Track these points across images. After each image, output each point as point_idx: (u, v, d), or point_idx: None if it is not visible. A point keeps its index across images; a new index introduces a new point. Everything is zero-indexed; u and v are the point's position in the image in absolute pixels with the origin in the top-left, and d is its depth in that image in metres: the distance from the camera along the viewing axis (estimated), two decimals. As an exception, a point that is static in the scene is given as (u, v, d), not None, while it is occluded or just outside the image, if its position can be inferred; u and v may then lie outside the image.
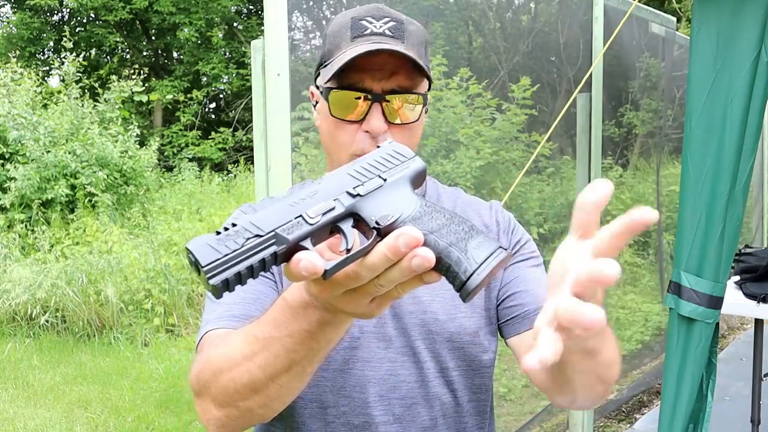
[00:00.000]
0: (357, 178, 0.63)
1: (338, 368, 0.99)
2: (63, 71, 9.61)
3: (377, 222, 0.60)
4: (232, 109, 15.57)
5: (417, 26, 1.03)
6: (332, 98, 0.99)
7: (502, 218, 1.11)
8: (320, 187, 0.61)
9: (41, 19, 15.48)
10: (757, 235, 5.67)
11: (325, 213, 0.59)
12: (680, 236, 2.35)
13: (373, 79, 0.97)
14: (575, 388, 0.82)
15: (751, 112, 2.20)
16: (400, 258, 0.56)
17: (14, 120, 8.16)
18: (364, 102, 0.97)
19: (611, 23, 3.03)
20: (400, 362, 1.01)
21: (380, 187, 0.63)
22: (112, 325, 5.87)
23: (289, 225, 0.56)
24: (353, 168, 0.64)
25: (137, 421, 4.28)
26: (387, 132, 0.98)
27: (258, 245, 0.55)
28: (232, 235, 0.55)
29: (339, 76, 0.97)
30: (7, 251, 6.77)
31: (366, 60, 0.95)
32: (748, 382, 2.88)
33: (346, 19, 1.00)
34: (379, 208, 0.61)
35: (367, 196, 0.61)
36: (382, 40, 0.97)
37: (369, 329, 1.01)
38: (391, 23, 0.98)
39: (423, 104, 1.01)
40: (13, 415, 4.38)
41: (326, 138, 1.04)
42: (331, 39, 1.01)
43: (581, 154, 3.19)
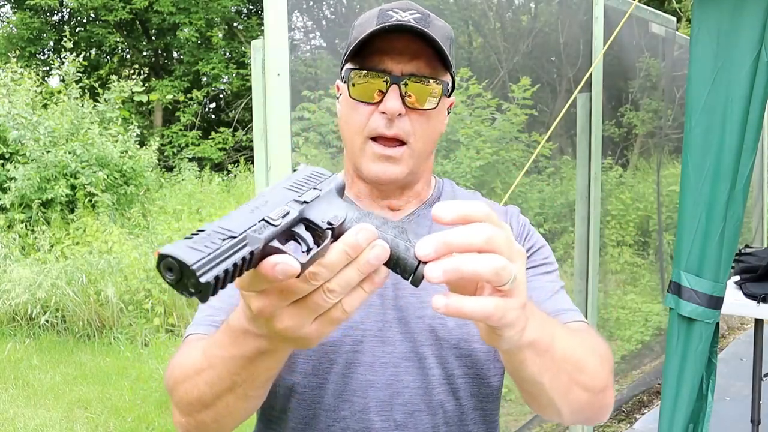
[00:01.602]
0: (296, 190, 0.66)
1: (341, 372, 0.97)
2: (63, 71, 9.61)
3: (329, 222, 0.63)
4: (232, 109, 15.57)
5: (444, 23, 1.02)
6: (352, 79, 0.98)
7: (516, 223, 1.09)
8: (268, 198, 0.63)
9: (41, 19, 15.48)
10: (757, 235, 5.67)
11: (284, 216, 0.60)
12: (680, 236, 2.35)
13: (393, 62, 0.96)
14: (550, 396, 0.80)
15: (751, 112, 2.20)
16: (358, 254, 0.59)
17: (14, 120, 8.16)
18: (383, 83, 0.96)
19: (611, 23, 3.03)
20: (404, 367, 0.98)
21: (318, 196, 0.66)
22: (112, 325, 5.87)
23: (257, 227, 0.57)
24: (287, 184, 0.67)
25: (137, 421, 4.27)
26: (404, 116, 0.97)
27: (234, 245, 0.54)
28: (206, 238, 0.54)
29: (360, 59, 0.97)
30: (7, 251, 6.77)
31: (388, 43, 0.95)
32: (748, 382, 2.88)
33: (374, 11, 1.00)
34: (326, 213, 0.64)
35: (312, 203, 0.65)
36: (408, 25, 0.96)
37: (373, 332, 0.99)
38: (417, 15, 0.98)
39: (443, 94, 0.99)
40: (13, 415, 4.38)
41: (343, 123, 1.03)
42: (357, 29, 1.00)
43: (581, 154, 3.19)
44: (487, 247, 0.60)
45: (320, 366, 0.97)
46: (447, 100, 1.04)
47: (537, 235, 1.10)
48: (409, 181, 1.03)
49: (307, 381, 0.98)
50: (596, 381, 0.84)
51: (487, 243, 0.60)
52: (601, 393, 0.86)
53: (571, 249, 3.35)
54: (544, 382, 0.76)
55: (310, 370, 0.97)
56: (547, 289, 1.03)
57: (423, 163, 1.03)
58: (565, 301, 1.03)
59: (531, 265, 1.05)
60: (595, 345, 0.91)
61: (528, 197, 3.57)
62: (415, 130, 0.98)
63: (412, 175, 1.02)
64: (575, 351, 0.81)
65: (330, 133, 2.73)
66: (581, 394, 0.82)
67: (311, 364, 0.97)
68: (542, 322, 0.74)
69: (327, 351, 0.97)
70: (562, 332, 0.81)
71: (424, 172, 1.06)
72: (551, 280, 1.05)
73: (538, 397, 0.81)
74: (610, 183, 4.31)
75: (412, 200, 1.07)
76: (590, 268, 3.20)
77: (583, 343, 0.87)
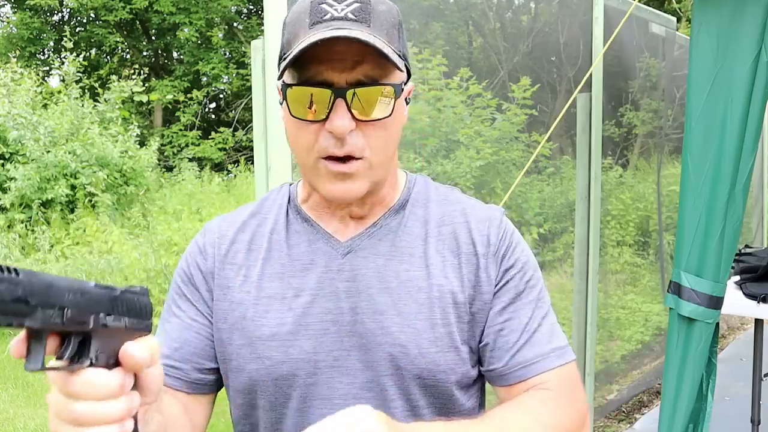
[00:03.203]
0: (111, 306, 0.64)
1: (297, 406, 0.92)
2: (63, 71, 9.62)
3: (96, 357, 0.62)
4: (232, 109, 15.57)
5: (388, 6, 0.88)
6: (290, 96, 0.85)
7: (497, 236, 0.95)
8: (91, 291, 0.61)
9: (41, 19, 15.48)
10: (757, 235, 5.67)
11: (77, 322, 0.59)
12: (680, 236, 2.35)
13: (334, 71, 0.83)
14: None
15: (751, 112, 2.20)
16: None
17: (14, 120, 8.16)
18: (325, 98, 0.83)
19: (611, 23, 3.03)
20: (365, 399, 0.89)
21: (120, 329, 0.65)
22: (112, 325, 5.87)
23: (50, 313, 0.55)
24: (113, 295, 0.65)
25: (137, 421, 4.28)
26: (355, 131, 0.85)
27: (19, 311, 0.53)
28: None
29: (296, 70, 0.85)
30: (7, 251, 6.77)
31: (325, 49, 0.81)
32: (748, 382, 2.87)
33: (305, 4, 0.86)
34: (106, 347, 0.63)
35: (107, 330, 0.63)
36: (343, 24, 0.82)
37: (328, 362, 0.90)
38: (355, 5, 0.84)
39: (397, 96, 0.86)
40: (13, 415, 4.38)
41: (291, 140, 0.91)
42: (289, 28, 0.87)
43: (581, 154, 3.19)
44: None
45: (277, 401, 0.93)
46: (404, 91, 0.91)
47: (522, 248, 0.97)
48: (370, 191, 0.92)
49: (267, 416, 0.94)
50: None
51: None
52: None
53: (571, 249, 3.35)
54: None
55: (269, 406, 0.93)
56: (523, 327, 0.93)
57: (385, 170, 0.92)
58: (542, 339, 0.93)
59: (509, 296, 0.94)
60: (540, 415, 0.87)
61: (528, 197, 3.57)
62: (371, 142, 0.86)
63: (373, 185, 0.90)
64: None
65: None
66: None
67: (268, 399, 0.93)
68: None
69: (281, 386, 0.92)
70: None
71: (388, 176, 0.95)
72: (529, 314, 0.94)
73: None
74: (610, 183, 4.31)
75: (375, 207, 0.96)
76: (590, 268, 3.20)
77: (515, 427, 0.85)
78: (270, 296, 0.93)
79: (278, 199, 1.02)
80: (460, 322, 0.92)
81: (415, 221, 0.97)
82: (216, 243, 0.98)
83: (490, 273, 0.94)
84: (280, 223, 0.98)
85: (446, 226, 0.97)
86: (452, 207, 0.99)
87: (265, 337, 0.92)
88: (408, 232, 0.96)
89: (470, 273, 0.94)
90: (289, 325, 0.91)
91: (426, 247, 0.95)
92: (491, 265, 0.94)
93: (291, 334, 0.91)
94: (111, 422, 0.61)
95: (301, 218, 0.98)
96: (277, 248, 0.96)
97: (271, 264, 0.95)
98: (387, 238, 0.95)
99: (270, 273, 0.95)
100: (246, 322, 0.93)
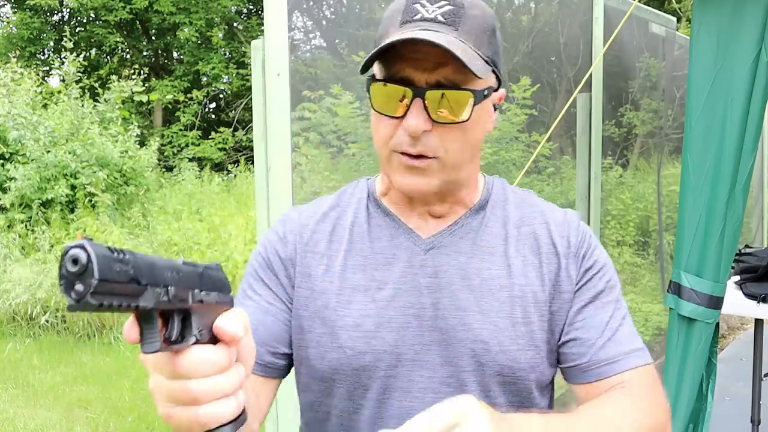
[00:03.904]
0: (201, 283, 0.64)
1: (376, 398, 0.93)
2: (63, 71, 9.61)
3: (200, 333, 0.61)
4: (232, 109, 15.57)
5: (482, 10, 0.89)
6: (372, 90, 0.89)
7: (576, 237, 0.98)
8: (184, 270, 0.61)
9: (41, 19, 15.48)
10: (757, 235, 5.67)
11: (181, 299, 0.59)
12: (680, 236, 2.35)
13: (416, 70, 0.85)
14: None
15: (751, 112, 2.20)
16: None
17: (14, 120, 8.16)
18: (405, 96, 0.85)
19: (611, 23, 3.03)
20: (444, 394, 0.90)
21: (215, 303, 0.64)
22: (112, 325, 5.87)
23: (158, 291, 0.55)
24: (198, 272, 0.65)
25: (137, 421, 4.27)
26: (430, 132, 0.86)
27: (134, 290, 0.52)
28: (123, 264, 0.51)
29: (383, 63, 0.88)
30: (7, 251, 6.77)
31: (410, 48, 0.83)
32: (748, 382, 2.87)
33: (402, 1, 0.89)
34: (205, 323, 0.62)
35: (204, 306, 0.62)
36: (431, 26, 0.84)
37: (409, 356, 0.93)
38: (447, 7, 0.86)
39: (476, 102, 0.87)
40: (13, 415, 4.37)
41: (372, 131, 0.94)
42: (383, 23, 0.90)
43: (581, 154, 3.19)
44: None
45: (355, 391, 0.94)
46: (491, 99, 0.93)
47: (600, 251, 0.99)
48: (447, 190, 0.94)
49: (344, 405, 0.95)
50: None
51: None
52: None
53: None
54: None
55: (346, 395, 0.95)
56: (604, 326, 0.94)
57: (461, 171, 0.93)
58: (623, 340, 0.94)
59: (593, 293, 0.95)
60: (629, 413, 0.85)
61: (528, 197, 3.56)
62: (446, 144, 0.88)
63: (448, 185, 0.92)
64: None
65: (330, 133, 2.73)
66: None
67: (346, 388, 0.94)
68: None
69: (361, 376, 0.93)
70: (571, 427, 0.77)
71: (467, 179, 0.97)
72: (612, 312, 0.95)
73: None
74: (610, 183, 4.31)
75: (455, 206, 0.98)
76: (590, 268, 3.19)
77: (607, 423, 0.83)
78: (353, 287, 0.95)
79: (356, 193, 1.04)
80: (540, 320, 0.94)
81: (495, 221, 0.99)
82: (297, 231, 1.00)
83: (570, 273, 0.96)
84: (361, 216, 1.00)
85: (525, 226, 0.99)
86: (530, 209, 1.01)
87: (348, 327, 0.94)
88: (488, 232, 0.98)
89: (551, 273, 0.95)
90: (372, 317, 0.93)
91: (506, 246, 0.97)
92: (572, 265, 0.96)
93: (374, 325, 0.93)
94: (229, 394, 0.61)
95: (382, 212, 1.00)
96: (359, 240, 0.98)
97: (354, 256, 0.97)
98: (468, 237, 0.97)
99: (353, 264, 0.96)
100: (328, 311, 0.95)
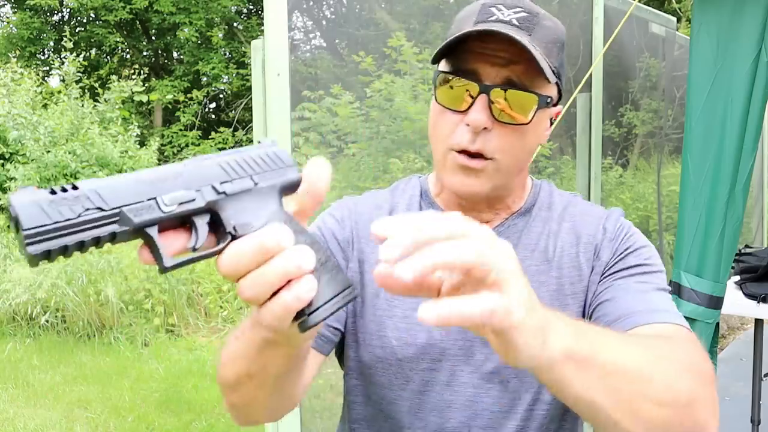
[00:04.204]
0: (227, 172, 0.57)
1: (416, 389, 0.94)
2: (63, 71, 9.61)
3: (235, 228, 0.55)
4: (232, 109, 15.57)
5: (555, 23, 0.92)
6: (439, 82, 0.89)
7: (612, 225, 0.98)
8: (186, 171, 0.55)
9: (41, 19, 15.47)
10: (757, 235, 5.67)
11: (182, 203, 0.53)
12: (680, 236, 2.35)
13: (485, 64, 0.86)
14: (609, 415, 0.66)
15: (751, 112, 2.20)
16: (261, 255, 0.52)
17: (14, 120, 8.16)
18: (471, 90, 0.86)
19: (611, 23, 3.03)
20: (486, 389, 0.93)
21: (249, 190, 0.57)
22: (112, 325, 5.87)
23: (138, 206, 0.50)
24: (225, 160, 0.57)
25: (137, 421, 4.27)
26: (490, 130, 0.86)
27: (96, 220, 0.48)
28: (70, 201, 0.48)
29: (453, 58, 0.88)
30: (7, 251, 6.77)
31: (482, 45, 0.85)
32: (748, 382, 2.88)
33: (477, 5, 0.90)
34: (242, 214, 0.55)
35: (233, 197, 0.56)
36: (506, 28, 0.85)
37: (453, 351, 0.94)
38: (522, 14, 0.87)
39: (540, 107, 0.87)
40: (13, 415, 4.37)
41: (430, 127, 0.94)
42: (456, 24, 0.92)
43: (581, 154, 3.19)
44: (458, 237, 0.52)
45: (396, 381, 0.95)
46: (549, 111, 0.93)
47: (635, 238, 0.98)
48: (497, 195, 0.95)
49: (384, 393, 0.96)
50: (672, 393, 0.68)
51: (456, 233, 0.52)
52: (686, 407, 0.69)
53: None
54: (595, 401, 0.64)
55: (387, 384, 0.96)
56: (633, 289, 0.91)
57: (513, 177, 0.94)
58: (655, 300, 0.89)
59: (624, 266, 0.94)
60: (675, 351, 0.76)
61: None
62: (503, 145, 0.88)
63: (498, 190, 0.93)
64: (636, 360, 0.68)
65: (330, 133, 2.73)
66: (655, 410, 0.67)
67: (388, 378, 0.96)
68: (574, 329, 0.62)
69: (404, 367, 0.95)
70: (613, 339, 0.70)
71: (517, 186, 0.98)
72: (645, 281, 0.92)
73: (595, 417, 0.67)
74: (610, 183, 4.31)
75: (501, 212, 0.99)
76: (590, 268, 3.20)
77: (651, 349, 0.73)
78: None
79: (408, 190, 1.04)
80: (578, 311, 0.95)
81: (539, 222, 1.00)
82: (353, 218, 1.01)
83: (602, 256, 0.96)
84: (413, 212, 1.00)
85: (567, 222, 1.00)
86: (573, 208, 1.02)
87: (396, 318, 0.95)
88: (532, 231, 0.99)
89: (587, 261, 0.96)
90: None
91: (547, 242, 0.98)
92: (606, 249, 0.96)
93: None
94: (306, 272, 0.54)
95: (434, 211, 0.99)
96: None
97: None
98: (513, 237, 0.98)
99: None
100: (379, 300, 0.96)
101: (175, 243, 0.54)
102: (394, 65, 3.03)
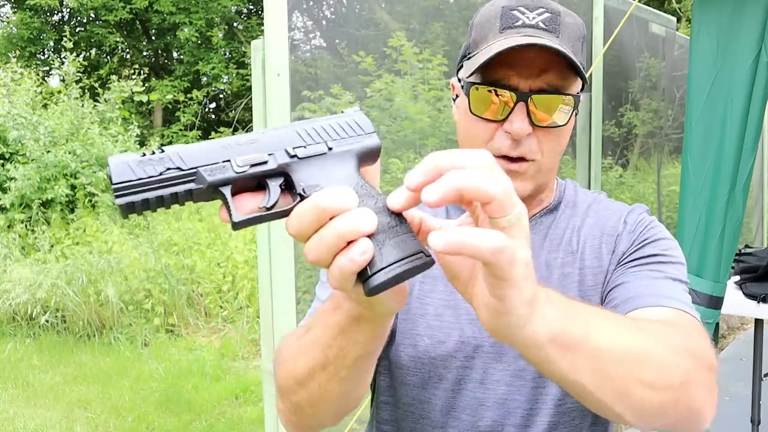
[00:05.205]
0: (302, 137, 0.59)
1: (449, 387, 0.94)
2: (63, 71, 9.61)
3: (304, 190, 0.57)
4: (232, 109, 15.57)
5: (575, 19, 0.93)
6: (473, 94, 0.90)
7: (633, 219, 1.00)
8: (261, 137, 0.58)
9: (41, 19, 15.47)
10: (757, 235, 5.67)
11: (254, 165, 0.56)
12: (680, 236, 2.35)
13: (520, 76, 0.87)
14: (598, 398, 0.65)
15: (751, 112, 2.20)
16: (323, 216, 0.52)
17: (14, 120, 8.16)
18: (508, 100, 0.87)
19: (611, 23, 3.03)
20: (518, 385, 0.93)
21: (323, 154, 0.59)
22: (112, 325, 5.87)
23: (213, 167, 0.55)
24: (303, 126, 0.60)
25: (137, 421, 4.27)
26: (531, 135, 0.89)
27: (175, 178, 0.54)
28: (155, 161, 0.53)
29: (483, 71, 0.88)
30: (7, 251, 6.77)
31: (514, 54, 0.85)
32: (748, 382, 2.88)
33: (496, 8, 0.91)
34: (312, 177, 0.57)
35: (305, 161, 0.58)
36: (535, 33, 0.87)
37: (485, 348, 0.94)
38: (546, 15, 0.89)
39: (574, 107, 0.91)
40: (13, 415, 4.37)
41: (462, 133, 0.96)
42: (477, 29, 0.92)
43: (581, 154, 3.19)
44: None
45: (429, 380, 0.95)
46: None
47: (659, 229, 0.99)
48: (535, 194, 0.98)
49: (416, 393, 0.96)
50: (665, 376, 0.67)
51: (484, 165, 0.51)
52: (679, 391, 0.68)
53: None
54: (584, 383, 0.62)
55: (419, 383, 0.96)
56: (645, 276, 0.91)
57: (551, 175, 0.98)
58: (665, 287, 0.88)
59: (640, 255, 0.95)
60: (673, 336, 0.74)
61: (528, 197, 3.56)
62: (543, 148, 0.91)
63: (538, 188, 0.96)
64: (628, 342, 0.66)
65: (330, 133, 2.72)
66: (648, 393, 0.65)
67: (420, 377, 0.95)
68: (563, 311, 0.60)
69: (437, 365, 0.94)
70: (607, 320, 0.67)
71: (549, 182, 1.01)
72: (659, 270, 0.92)
73: (584, 399, 0.65)
74: (610, 183, 4.31)
75: (534, 209, 1.02)
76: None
77: (647, 332, 0.71)
78: (435, 276, 0.96)
79: None
80: (598, 305, 0.95)
81: (565, 219, 1.03)
82: None
83: (620, 247, 0.98)
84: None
85: (591, 218, 1.02)
86: (598, 205, 1.05)
87: (428, 316, 0.95)
88: (558, 226, 1.02)
89: (608, 253, 0.98)
90: (452, 309, 0.95)
91: (571, 236, 1.00)
92: (625, 239, 0.98)
93: (454, 317, 0.94)
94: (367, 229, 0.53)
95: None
96: None
97: None
98: (540, 232, 1.00)
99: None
100: (411, 298, 0.96)
101: (251, 203, 0.56)
102: (394, 65, 3.03)
